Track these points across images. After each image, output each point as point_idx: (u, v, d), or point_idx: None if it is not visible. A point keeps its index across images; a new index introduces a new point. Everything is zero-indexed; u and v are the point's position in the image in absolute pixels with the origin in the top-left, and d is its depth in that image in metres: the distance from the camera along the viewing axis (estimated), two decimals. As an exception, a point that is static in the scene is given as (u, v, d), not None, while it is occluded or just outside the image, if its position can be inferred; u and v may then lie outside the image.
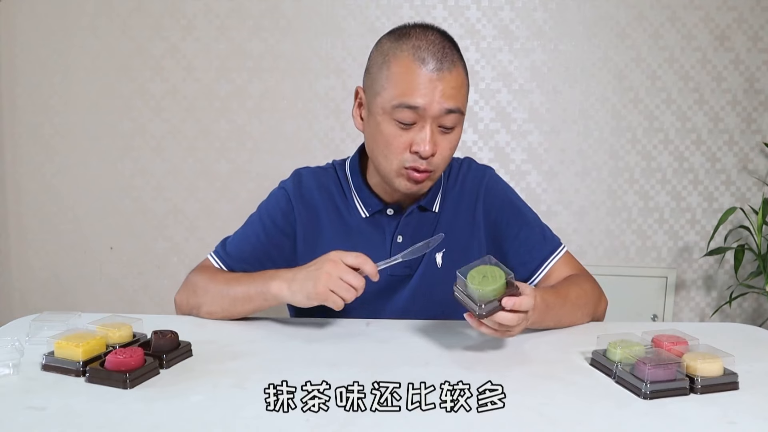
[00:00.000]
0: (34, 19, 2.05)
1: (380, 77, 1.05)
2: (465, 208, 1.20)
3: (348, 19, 2.04)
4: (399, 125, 1.04)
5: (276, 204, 1.20)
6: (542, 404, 0.78)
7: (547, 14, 2.05)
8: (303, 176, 1.22)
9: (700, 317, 2.18)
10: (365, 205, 1.17)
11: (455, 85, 1.03)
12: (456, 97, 1.03)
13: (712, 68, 2.07)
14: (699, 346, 0.89)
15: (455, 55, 1.04)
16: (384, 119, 1.05)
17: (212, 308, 1.11)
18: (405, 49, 1.03)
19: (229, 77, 2.06)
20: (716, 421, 0.74)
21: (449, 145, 1.07)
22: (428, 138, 1.03)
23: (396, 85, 1.03)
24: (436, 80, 1.01)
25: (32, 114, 2.10)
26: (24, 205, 2.14)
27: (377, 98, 1.05)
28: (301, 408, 0.76)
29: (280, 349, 0.97)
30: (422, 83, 1.01)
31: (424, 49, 1.02)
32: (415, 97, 1.01)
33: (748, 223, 2.09)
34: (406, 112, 1.02)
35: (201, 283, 1.13)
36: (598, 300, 1.17)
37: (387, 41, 1.07)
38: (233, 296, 1.09)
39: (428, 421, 0.73)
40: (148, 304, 2.16)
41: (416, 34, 1.04)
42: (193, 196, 2.13)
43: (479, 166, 1.26)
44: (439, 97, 1.02)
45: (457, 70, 1.04)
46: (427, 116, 1.03)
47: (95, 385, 0.81)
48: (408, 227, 1.17)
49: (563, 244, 1.22)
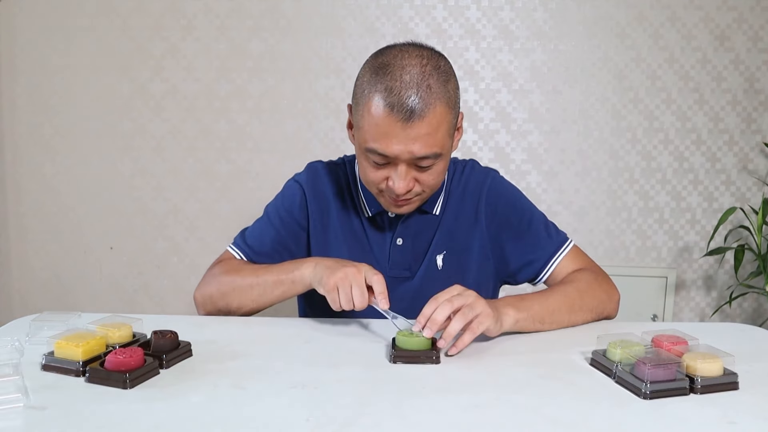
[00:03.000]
0: (34, 19, 2.05)
1: (358, 112, 1.03)
2: (467, 210, 1.20)
3: (348, 19, 2.04)
4: (374, 163, 1.03)
5: (291, 196, 1.22)
6: (542, 404, 0.78)
7: (547, 14, 2.05)
8: (317, 170, 1.23)
9: (700, 317, 2.18)
10: (369, 205, 1.18)
11: (429, 130, 0.98)
12: (429, 143, 0.99)
13: (712, 68, 2.07)
14: (699, 346, 0.89)
15: (433, 93, 0.97)
16: (361, 153, 1.05)
17: (243, 302, 1.11)
18: (379, 90, 0.97)
19: (229, 77, 2.06)
20: (716, 421, 0.74)
21: (432, 177, 1.05)
22: (401, 179, 1.02)
23: (368, 129, 1.00)
24: (406, 128, 0.97)
25: (32, 114, 2.10)
26: (24, 205, 2.14)
27: (357, 131, 1.05)
28: (301, 408, 0.76)
29: (280, 349, 0.97)
30: (391, 132, 0.97)
31: (396, 93, 0.96)
32: (384, 145, 0.99)
33: (748, 223, 2.10)
34: (378, 156, 1.01)
35: (227, 279, 1.13)
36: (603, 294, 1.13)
37: (367, 71, 1.02)
38: (263, 284, 1.09)
39: (428, 420, 0.73)
40: (148, 304, 2.16)
41: (393, 71, 0.98)
42: (193, 196, 2.13)
43: (482, 169, 1.25)
44: (410, 146, 0.98)
45: (433, 113, 0.97)
46: (399, 161, 1.01)
47: (95, 385, 0.81)
48: (408, 230, 1.17)
49: (570, 240, 1.21)
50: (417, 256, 1.18)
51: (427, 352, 0.91)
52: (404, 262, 1.18)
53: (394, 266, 1.18)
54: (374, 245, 1.18)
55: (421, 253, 1.18)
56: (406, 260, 1.18)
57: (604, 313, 1.14)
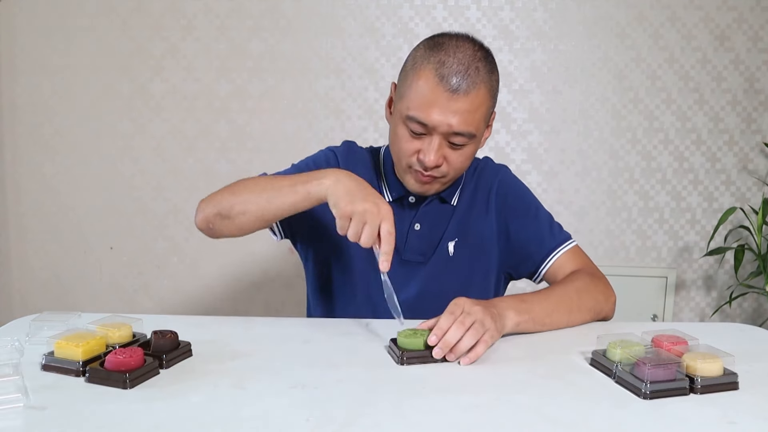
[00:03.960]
0: (34, 19, 2.05)
1: (405, 83, 1.08)
2: (479, 201, 1.23)
3: (348, 19, 2.04)
4: (411, 133, 1.07)
5: (324, 158, 1.24)
6: (542, 404, 0.78)
7: (547, 14, 2.05)
8: (352, 147, 1.27)
9: (700, 317, 2.18)
10: (390, 189, 1.21)
11: (470, 108, 1.04)
12: (468, 120, 1.04)
13: (712, 68, 2.07)
14: (699, 346, 0.89)
15: (480, 75, 1.05)
16: (399, 123, 1.09)
17: (248, 206, 1.07)
18: (431, 62, 1.04)
19: (229, 77, 2.06)
20: (716, 421, 0.74)
21: (460, 158, 1.09)
22: (434, 151, 1.06)
23: (414, 97, 1.05)
24: (451, 100, 1.03)
25: (32, 114, 2.10)
26: (24, 205, 2.14)
27: (400, 101, 1.09)
28: (301, 408, 0.76)
29: (280, 349, 0.97)
30: (436, 102, 1.03)
31: (448, 66, 1.03)
32: (426, 113, 1.04)
33: (748, 223, 2.09)
34: (416, 125, 1.06)
35: (239, 183, 1.10)
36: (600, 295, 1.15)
37: (422, 48, 1.08)
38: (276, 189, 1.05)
39: (428, 420, 0.73)
40: (148, 304, 2.16)
41: (447, 48, 1.05)
42: (193, 196, 2.12)
43: (495, 164, 1.30)
44: (450, 118, 1.03)
45: (477, 92, 1.04)
46: (435, 132, 1.05)
47: (95, 385, 0.81)
48: (426, 216, 1.20)
49: (573, 240, 1.23)
50: (432, 242, 1.21)
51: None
52: (419, 248, 1.20)
53: (409, 250, 1.20)
54: None
55: (436, 240, 1.21)
56: (422, 246, 1.20)
57: (602, 314, 1.15)
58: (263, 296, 2.11)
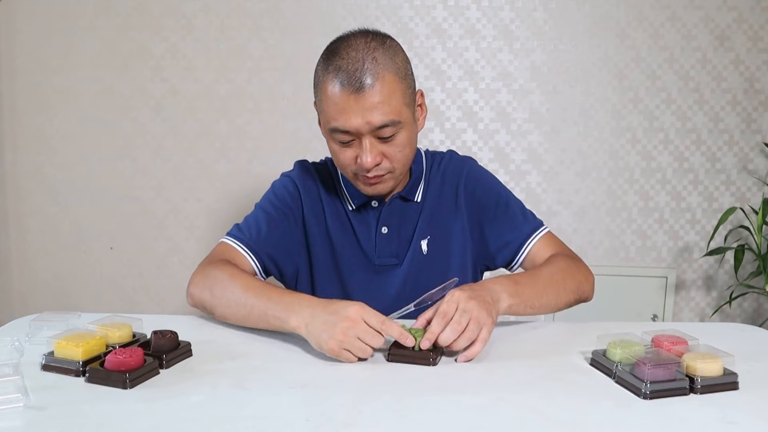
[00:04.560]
0: (34, 19, 2.05)
1: (318, 99, 1.10)
2: (447, 196, 1.23)
3: (348, 19, 2.04)
4: (340, 143, 1.08)
5: (284, 188, 1.23)
6: (542, 404, 0.78)
7: (547, 14, 2.05)
8: (306, 166, 1.27)
9: (700, 317, 2.18)
10: (352, 198, 1.21)
11: (381, 99, 1.03)
12: (385, 111, 1.03)
13: (712, 68, 2.07)
14: (699, 346, 0.89)
15: (379, 64, 1.03)
16: (328, 137, 1.10)
17: (226, 313, 1.07)
18: (330, 71, 1.05)
19: (229, 77, 2.06)
20: (716, 421, 0.74)
21: (398, 148, 1.08)
22: (367, 152, 1.06)
23: (327, 110, 1.06)
24: (360, 99, 1.02)
25: (32, 114, 2.09)
26: (24, 205, 2.14)
27: (320, 117, 1.12)
28: (301, 408, 0.76)
29: (280, 349, 0.97)
30: (347, 106, 1.03)
31: (344, 69, 1.03)
32: (342, 121, 1.04)
33: (748, 223, 2.09)
34: (341, 134, 1.06)
35: (220, 281, 1.08)
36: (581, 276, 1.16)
37: (321, 62, 1.09)
38: (250, 310, 1.02)
39: (428, 420, 0.73)
40: (148, 304, 2.16)
41: (340, 52, 1.05)
42: (193, 196, 2.13)
43: (460, 157, 1.29)
44: (366, 116, 1.03)
45: (382, 81, 1.03)
46: (361, 134, 1.05)
47: (95, 385, 0.81)
48: (391, 217, 1.20)
49: (546, 226, 1.23)
50: (402, 243, 1.21)
51: (424, 353, 0.91)
52: (391, 250, 1.20)
53: (381, 255, 1.20)
54: (361, 236, 1.21)
55: (407, 240, 1.21)
56: (393, 248, 1.20)
57: (584, 295, 1.16)
58: (263, 296, 2.11)
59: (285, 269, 1.22)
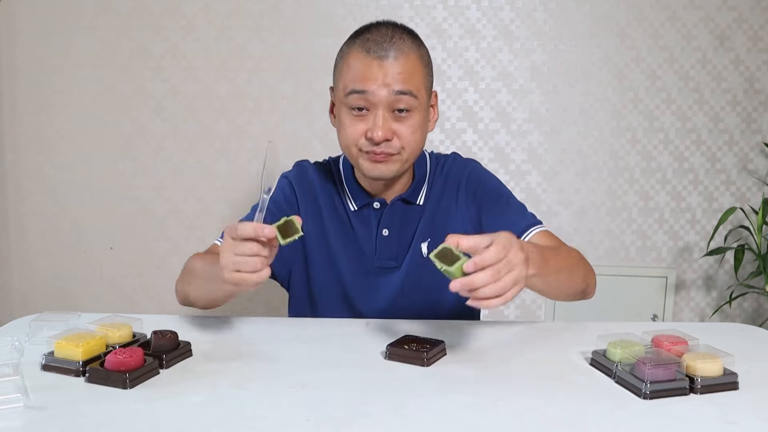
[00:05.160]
0: (34, 19, 2.05)
1: (337, 72, 1.13)
2: (448, 198, 1.23)
3: (348, 19, 2.04)
4: (354, 113, 1.09)
5: (280, 191, 1.22)
6: (542, 404, 0.78)
7: (547, 14, 2.05)
8: (304, 167, 1.26)
9: (700, 317, 2.18)
10: (354, 199, 1.21)
11: (402, 70, 1.06)
12: (406, 80, 1.06)
13: (712, 68, 2.07)
14: (699, 346, 0.89)
15: (406, 43, 1.08)
16: (341, 109, 1.11)
17: (197, 293, 1.08)
18: (356, 42, 1.09)
19: (229, 77, 2.06)
20: (716, 421, 0.74)
21: (409, 129, 1.09)
22: (379, 124, 1.07)
23: (347, 75, 1.09)
24: (382, 66, 1.06)
25: (32, 114, 2.09)
26: (24, 205, 2.14)
27: (336, 92, 1.13)
28: (301, 408, 0.76)
29: (280, 349, 0.97)
30: (368, 69, 1.06)
31: (372, 40, 1.08)
32: (361, 82, 1.06)
33: (748, 223, 2.09)
34: (356, 97, 1.07)
35: (188, 270, 1.12)
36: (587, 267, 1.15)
37: (346, 41, 1.13)
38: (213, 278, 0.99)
39: (428, 420, 0.73)
40: (148, 304, 2.16)
41: (369, 28, 1.11)
42: (193, 196, 2.13)
43: (463, 159, 1.29)
44: (385, 81, 1.05)
45: (405, 57, 1.07)
46: (378, 102, 1.06)
47: (95, 385, 0.81)
48: (393, 220, 1.19)
49: (544, 226, 1.19)
50: (403, 246, 1.20)
51: (419, 354, 0.90)
52: (390, 253, 1.20)
53: (381, 257, 1.20)
54: (361, 238, 1.20)
55: (407, 243, 1.20)
56: (392, 251, 1.20)
57: (588, 288, 1.14)
58: (263, 296, 2.11)
59: (277, 271, 1.22)
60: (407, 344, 0.93)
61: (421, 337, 0.95)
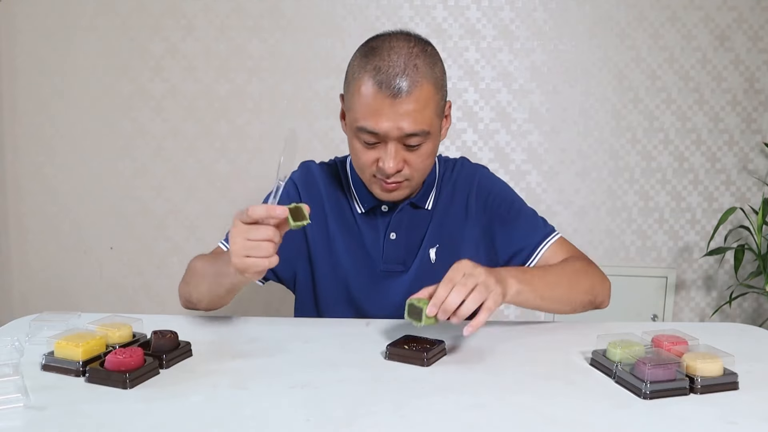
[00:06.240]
0: (34, 19, 2.05)
1: (348, 94, 1.08)
2: (458, 204, 1.22)
3: (348, 19, 2.04)
4: (365, 144, 1.07)
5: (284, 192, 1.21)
6: (542, 404, 0.78)
7: (547, 14, 2.05)
8: (310, 168, 1.25)
9: (700, 317, 2.18)
10: (361, 201, 1.20)
11: (416, 107, 1.02)
12: (417, 120, 1.02)
13: (712, 68, 2.07)
14: (699, 346, 0.89)
15: (419, 72, 1.02)
16: (353, 136, 1.08)
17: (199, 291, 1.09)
18: (368, 70, 1.03)
19: (229, 77, 2.06)
20: (716, 421, 0.74)
21: (420, 158, 1.08)
22: (391, 157, 1.05)
23: (359, 108, 1.04)
24: (395, 105, 1.01)
25: (32, 114, 2.09)
26: (24, 205, 2.14)
27: (348, 114, 1.09)
28: (301, 408, 0.76)
29: (280, 349, 0.97)
30: (380, 109, 1.02)
31: (384, 71, 1.01)
32: (373, 122, 1.03)
33: (748, 223, 2.09)
34: (367, 135, 1.05)
35: (190, 270, 1.13)
36: (596, 278, 1.14)
37: (357, 56, 1.08)
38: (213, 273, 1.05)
39: (428, 420, 0.73)
40: (148, 304, 2.16)
41: (381, 52, 1.03)
42: (193, 197, 2.13)
43: (472, 165, 1.28)
44: (399, 122, 1.02)
45: (420, 90, 1.02)
46: (389, 139, 1.04)
47: (95, 385, 0.81)
48: (401, 224, 1.19)
49: (558, 232, 1.22)
50: (410, 250, 1.19)
51: (419, 354, 0.90)
52: (398, 257, 1.19)
53: (388, 261, 1.19)
54: (368, 241, 1.19)
55: (415, 248, 1.19)
56: (400, 255, 1.19)
57: (598, 298, 1.14)
58: (263, 296, 2.11)
59: (282, 274, 1.22)
60: (407, 344, 0.93)
61: (421, 337, 0.95)
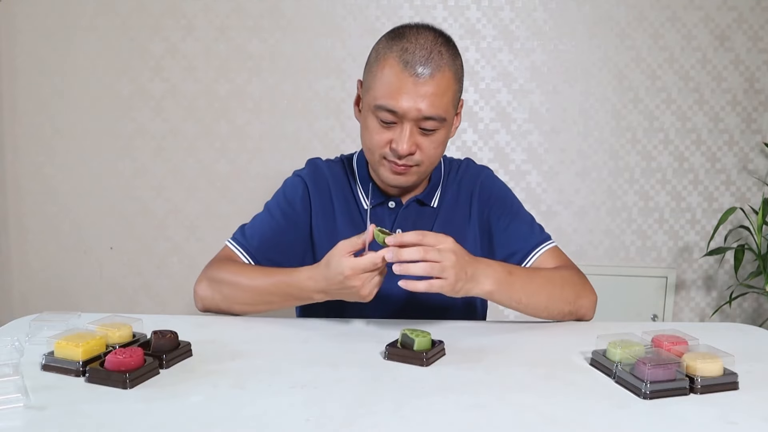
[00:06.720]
0: (34, 19, 2.05)
1: (371, 75, 1.10)
2: (461, 204, 1.24)
3: (348, 19, 2.04)
4: (381, 123, 1.08)
5: (293, 189, 1.23)
6: (542, 404, 0.78)
7: (547, 14, 2.05)
8: (318, 165, 1.27)
9: (700, 317, 2.18)
10: (368, 197, 1.20)
11: (437, 91, 1.04)
12: (436, 104, 1.05)
13: (712, 68, 2.07)
14: (699, 346, 0.89)
15: (444, 59, 1.05)
16: (369, 115, 1.10)
17: (246, 304, 1.11)
18: (394, 50, 1.05)
19: (229, 77, 2.06)
20: (716, 421, 0.74)
21: (433, 144, 1.10)
22: (405, 139, 1.06)
23: (380, 86, 1.06)
24: (418, 85, 1.04)
25: (32, 114, 2.09)
26: (24, 205, 2.14)
27: (367, 94, 1.11)
28: (301, 408, 0.76)
29: (280, 349, 0.97)
30: (403, 88, 1.04)
31: (411, 52, 1.04)
32: (394, 100, 1.05)
33: (748, 223, 2.09)
34: (386, 113, 1.06)
35: (227, 277, 1.12)
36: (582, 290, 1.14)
37: (383, 40, 1.10)
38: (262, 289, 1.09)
39: (428, 420, 0.73)
40: (148, 304, 2.16)
41: (409, 36, 1.06)
42: (193, 197, 2.13)
43: (477, 166, 1.30)
44: (418, 103, 1.04)
45: (442, 75, 1.05)
46: (406, 119, 1.06)
47: (95, 385, 0.81)
48: (407, 220, 1.20)
49: (553, 241, 1.23)
50: None
51: (418, 354, 0.90)
52: None
53: None
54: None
55: None
56: None
57: (581, 310, 1.14)
58: (263, 296, 2.11)
59: None
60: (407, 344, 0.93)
61: None
